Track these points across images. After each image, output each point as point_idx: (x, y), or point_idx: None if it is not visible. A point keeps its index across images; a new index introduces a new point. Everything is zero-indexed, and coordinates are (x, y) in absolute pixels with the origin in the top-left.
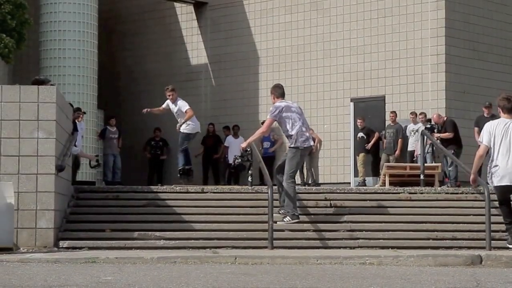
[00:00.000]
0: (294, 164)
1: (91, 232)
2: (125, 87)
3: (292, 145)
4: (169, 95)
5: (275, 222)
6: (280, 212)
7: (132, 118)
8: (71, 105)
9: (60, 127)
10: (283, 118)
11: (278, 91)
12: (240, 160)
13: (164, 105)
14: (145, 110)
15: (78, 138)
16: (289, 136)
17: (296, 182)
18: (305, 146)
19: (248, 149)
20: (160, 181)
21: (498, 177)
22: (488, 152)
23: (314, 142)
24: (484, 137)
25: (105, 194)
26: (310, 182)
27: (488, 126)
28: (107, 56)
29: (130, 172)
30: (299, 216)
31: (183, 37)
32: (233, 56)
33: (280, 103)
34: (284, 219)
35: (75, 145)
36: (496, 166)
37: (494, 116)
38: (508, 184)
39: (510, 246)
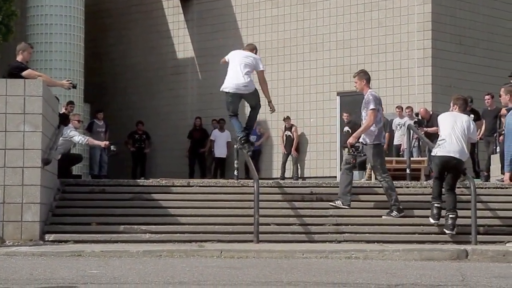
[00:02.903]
0: (383, 158)
1: (77, 225)
2: (111, 80)
3: (376, 142)
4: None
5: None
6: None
7: (118, 112)
8: (57, 98)
9: (46, 121)
10: None
11: (366, 77)
12: (360, 154)
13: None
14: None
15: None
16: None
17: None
18: (383, 142)
19: (357, 144)
20: (143, 175)
21: (444, 149)
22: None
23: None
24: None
25: (91, 188)
26: (293, 176)
27: (441, 117)
28: (93, 49)
29: (115, 165)
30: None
31: (170, 30)
32: (219, 50)
33: (376, 94)
34: (391, 214)
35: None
36: (443, 140)
37: (473, 111)
38: (450, 155)
39: (432, 220)
